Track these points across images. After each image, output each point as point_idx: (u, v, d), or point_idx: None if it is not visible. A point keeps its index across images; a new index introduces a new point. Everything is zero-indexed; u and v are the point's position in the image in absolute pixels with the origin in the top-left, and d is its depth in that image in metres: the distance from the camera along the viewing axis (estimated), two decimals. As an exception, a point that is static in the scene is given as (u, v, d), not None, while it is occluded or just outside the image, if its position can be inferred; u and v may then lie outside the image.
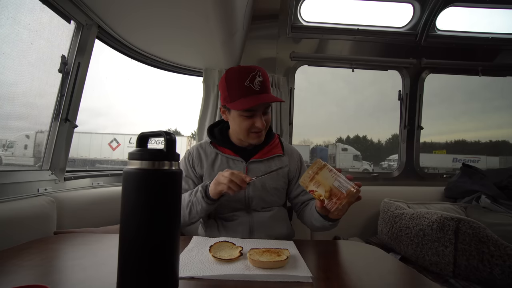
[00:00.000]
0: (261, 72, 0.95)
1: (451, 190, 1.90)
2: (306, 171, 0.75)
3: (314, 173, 0.73)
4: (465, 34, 2.11)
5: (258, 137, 0.99)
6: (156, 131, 0.50)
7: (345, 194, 0.69)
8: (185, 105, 4.76)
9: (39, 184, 1.13)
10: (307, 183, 0.74)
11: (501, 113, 2.96)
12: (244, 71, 0.94)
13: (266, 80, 0.96)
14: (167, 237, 0.47)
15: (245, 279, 0.56)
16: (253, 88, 0.92)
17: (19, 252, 0.70)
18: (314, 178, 0.73)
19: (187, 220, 0.95)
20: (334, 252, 0.83)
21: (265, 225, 0.99)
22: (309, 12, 2.01)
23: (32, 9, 1.08)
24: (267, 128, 1.03)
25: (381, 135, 5.32)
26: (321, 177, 0.72)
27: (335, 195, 0.70)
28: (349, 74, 2.11)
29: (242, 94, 0.93)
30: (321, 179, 0.72)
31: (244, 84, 0.92)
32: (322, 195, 0.72)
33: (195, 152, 1.08)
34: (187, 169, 1.06)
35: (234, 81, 0.94)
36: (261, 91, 0.93)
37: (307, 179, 0.74)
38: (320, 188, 0.72)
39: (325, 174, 0.73)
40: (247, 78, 0.92)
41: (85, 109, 1.44)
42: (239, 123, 0.97)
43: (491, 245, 1.12)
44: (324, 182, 0.72)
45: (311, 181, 0.73)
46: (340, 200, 0.70)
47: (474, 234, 1.15)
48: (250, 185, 1.01)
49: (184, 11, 1.18)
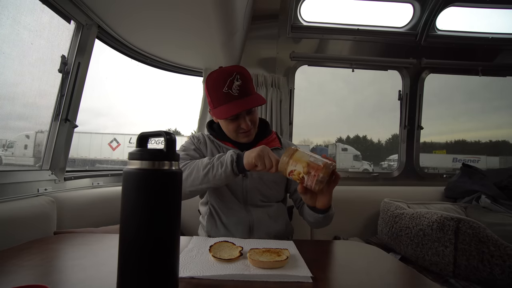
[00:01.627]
0: (239, 75, 0.94)
1: (451, 190, 1.90)
2: (281, 156, 0.78)
3: (290, 156, 0.76)
4: (465, 34, 2.11)
5: (247, 136, 1.00)
6: (156, 131, 0.50)
7: (322, 165, 0.72)
8: (185, 105, 4.76)
9: (39, 184, 1.13)
10: (285, 166, 0.77)
11: (501, 113, 2.96)
12: (221, 76, 0.94)
13: (246, 82, 0.95)
14: (167, 237, 0.47)
15: (245, 279, 0.56)
16: (231, 93, 0.92)
17: (19, 252, 0.70)
18: (291, 159, 0.76)
19: (194, 186, 0.87)
20: (334, 252, 0.83)
21: (264, 222, 1.00)
22: (309, 12, 2.01)
23: (32, 9, 1.08)
24: (256, 125, 1.03)
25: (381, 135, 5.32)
26: (297, 156, 0.76)
27: (313, 168, 0.73)
28: (349, 74, 2.11)
29: (221, 101, 0.94)
30: (297, 157, 0.76)
31: (222, 91, 0.92)
32: (301, 172, 0.75)
33: (201, 136, 1.08)
34: (190, 147, 1.03)
35: (212, 88, 0.95)
36: (241, 96, 0.93)
37: (284, 162, 0.77)
38: (298, 165, 0.75)
39: (300, 153, 0.77)
40: (225, 85, 0.92)
41: (86, 109, 1.44)
42: (226, 126, 0.99)
43: (491, 245, 1.12)
44: (300, 159, 0.75)
45: (288, 162, 0.76)
46: (318, 172, 0.72)
47: (474, 234, 1.15)
48: (247, 178, 1.01)
49: (184, 11, 1.18)
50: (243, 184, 1.01)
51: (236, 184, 1.01)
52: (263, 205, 1.03)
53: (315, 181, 0.73)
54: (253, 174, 1.02)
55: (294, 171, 0.76)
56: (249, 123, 0.96)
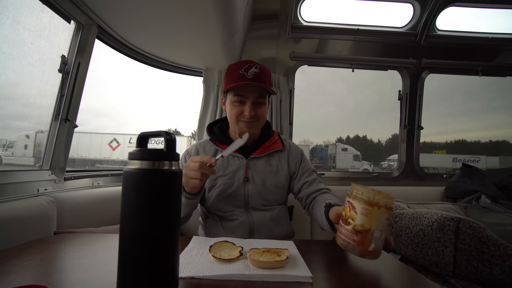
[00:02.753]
0: (260, 67, 0.97)
1: (451, 190, 1.90)
2: (372, 187, 0.59)
3: (377, 201, 0.57)
4: (465, 34, 2.11)
5: (247, 127, 0.99)
6: (156, 131, 0.50)
7: (370, 248, 0.57)
8: (185, 105, 4.77)
9: (39, 184, 1.13)
10: (359, 196, 0.59)
11: (501, 113, 2.96)
12: (243, 62, 0.98)
13: (263, 74, 0.98)
14: (167, 237, 0.47)
15: (245, 279, 0.56)
16: (246, 76, 0.95)
17: (19, 252, 0.70)
18: (370, 204, 0.57)
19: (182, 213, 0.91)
20: (334, 252, 0.83)
21: (265, 225, 0.99)
22: (309, 12, 2.01)
23: (32, 9, 1.08)
24: (261, 122, 1.03)
25: (381, 135, 5.31)
26: (377, 213, 0.57)
27: (363, 238, 0.58)
28: (349, 74, 2.11)
29: (234, 80, 0.96)
30: (374, 214, 0.57)
31: (239, 71, 0.96)
32: (355, 223, 0.58)
33: (193, 150, 1.08)
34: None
35: (231, 69, 1.00)
36: (253, 80, 0.95)
37: (363, 193, 0.58)
38: (363, 218, 0.57)
39: (383, 214, 0.58)
40: (243, 67, 0.96)
41: (87, 110, 1.44)
42: (230, 110, 1.01)
43: (491, 245, 1.12)
44: (373, 218, 0.57)
45: (366, 202, 0.58)
46: (356, 245, 0.58)
47: (474, 234, 1.15)
48: (249, 183, 1.01)
49: (184, 11, 1.18)
50: (244, 189, 1.01)
51: (238, 189, 1.00)
52: (265, 209, 1.02)
53: (343, 240, 0.62)
54: (255, 180, 1.01)
55: (352, 213, 0.59)
56: (252, 112, 0.96)
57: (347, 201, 0.62)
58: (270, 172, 1.04)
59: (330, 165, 8.80)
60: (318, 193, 1.02)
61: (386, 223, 0.58)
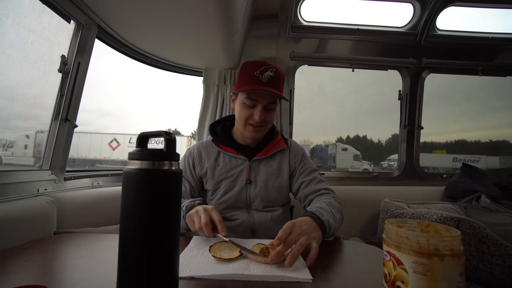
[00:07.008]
0: (275, 70, 0.96)
1: (451, 190, 1.90)
2: (418, 221, 0.46)
3: (435, 248, 0.37)
4: (465, 34, 2.11)
5: (254, 131, 0.99)
6: (156, 131, 0.50)
7: None
8: (185, 105, 4.76)
9: (39, 184, 1.13)
10: (404, 243, 0.39)
11: (501, 113, 2.96)
12: (259, 62, 0.97)
13: (278, 78, 0.97)
14: (167, 237, 0.47)
15: (245, 279, 0.56)
16: (261, 79, 0.94)
17: (19, 252, 0.70)
18: (425, 254, 0.37)
19: None
20: (334, 252, 0.83)
21: (267, 226, 0.99)
22: (309, 12, 2.01)
23: (32, 9, 1.08)
24: (268, 127, 1.03)
25: (381, 135, 5.30)
26: (441, 267, 0.37)
27: None
28: (349, 74, 2.12)
29: (248, 81, 0.95)
30: (437, 270, 0.37)
31: (254, 73, 0.94)
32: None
33: (195, 151, 1.07)
34: (185, 169, 1.05)
35: (246, 69, 0.98)
36: (268, 85, 0.94)
37: (409, 238, 0.38)
38: (420, 280, 0.37)
39: (451, 268, 0.37)
40: (259, 69, 0.94)
41: (87, 110, 1.44)
42: (240, 111, 0.99)
43: (491, 245, 1.12)
44: (437, 278, 0.37)
45: (417, 252, 0.37)
46: None
47: (474, 234, 1.15)
48: (251, 185, 1.01)
49: (184, 11, 1.18)
50: (247, 191, 1.01)
51: (240, 191, 1.00)
52: (267, 210, 1.02)
53: None
54: (258, 182, 1.01)
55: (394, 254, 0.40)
56: (262, 117, 0.96)
57: (386, 252, 0.41)
58: (273, 173, 1.04)
59: (330, 165, 8.81)
60: (315, 194, 1.01)
61: (459, 280, 0.37)
